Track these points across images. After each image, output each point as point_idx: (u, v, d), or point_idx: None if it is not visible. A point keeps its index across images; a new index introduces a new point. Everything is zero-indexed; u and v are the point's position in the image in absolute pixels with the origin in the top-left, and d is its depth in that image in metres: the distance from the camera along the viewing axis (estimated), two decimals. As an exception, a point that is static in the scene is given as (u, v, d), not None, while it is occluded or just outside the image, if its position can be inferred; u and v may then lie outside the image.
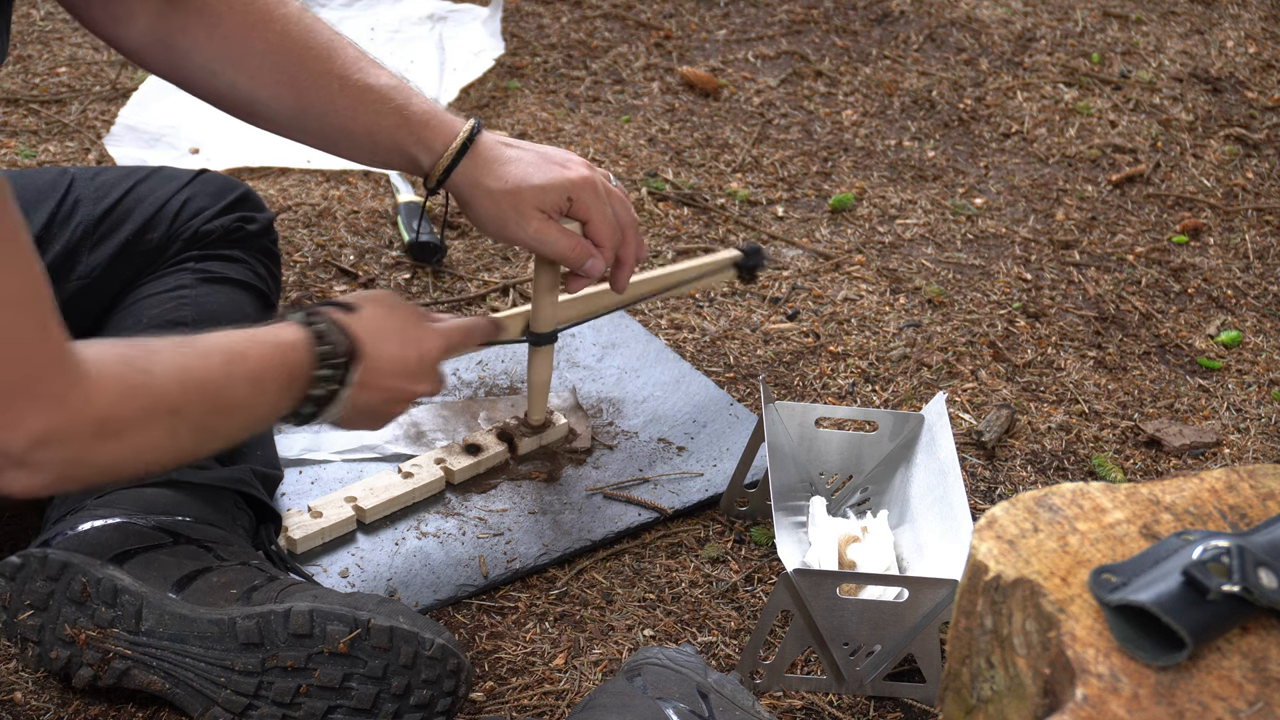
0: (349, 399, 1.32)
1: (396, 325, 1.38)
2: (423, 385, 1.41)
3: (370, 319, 1.34)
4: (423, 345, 1.40)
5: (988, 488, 1.80)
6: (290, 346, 1.26)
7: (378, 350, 1.33)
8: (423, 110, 1.48)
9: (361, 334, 1.32)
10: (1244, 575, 0.98)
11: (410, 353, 1.38)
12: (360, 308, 1.35)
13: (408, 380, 1.39)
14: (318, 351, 1.28)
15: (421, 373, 1.40)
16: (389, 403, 1.39)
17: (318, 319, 1.29)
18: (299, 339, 1.27)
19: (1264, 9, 3.09)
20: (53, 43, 2.59)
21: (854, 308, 2.09)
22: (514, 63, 2.66)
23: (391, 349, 1.36)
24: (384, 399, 1.38)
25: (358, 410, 1.35)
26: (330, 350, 1.28)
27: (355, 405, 1.33)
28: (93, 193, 1.62)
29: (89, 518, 1.40)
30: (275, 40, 1.45)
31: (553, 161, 1.51)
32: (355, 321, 1.32)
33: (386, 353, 1.35)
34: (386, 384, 1.36)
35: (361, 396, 1.33)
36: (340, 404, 1.31)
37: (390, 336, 1.36)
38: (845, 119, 2.59)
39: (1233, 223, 2.39)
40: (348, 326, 1.31)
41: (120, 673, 1.36)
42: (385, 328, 1.36)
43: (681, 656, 1.35)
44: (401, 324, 1.38)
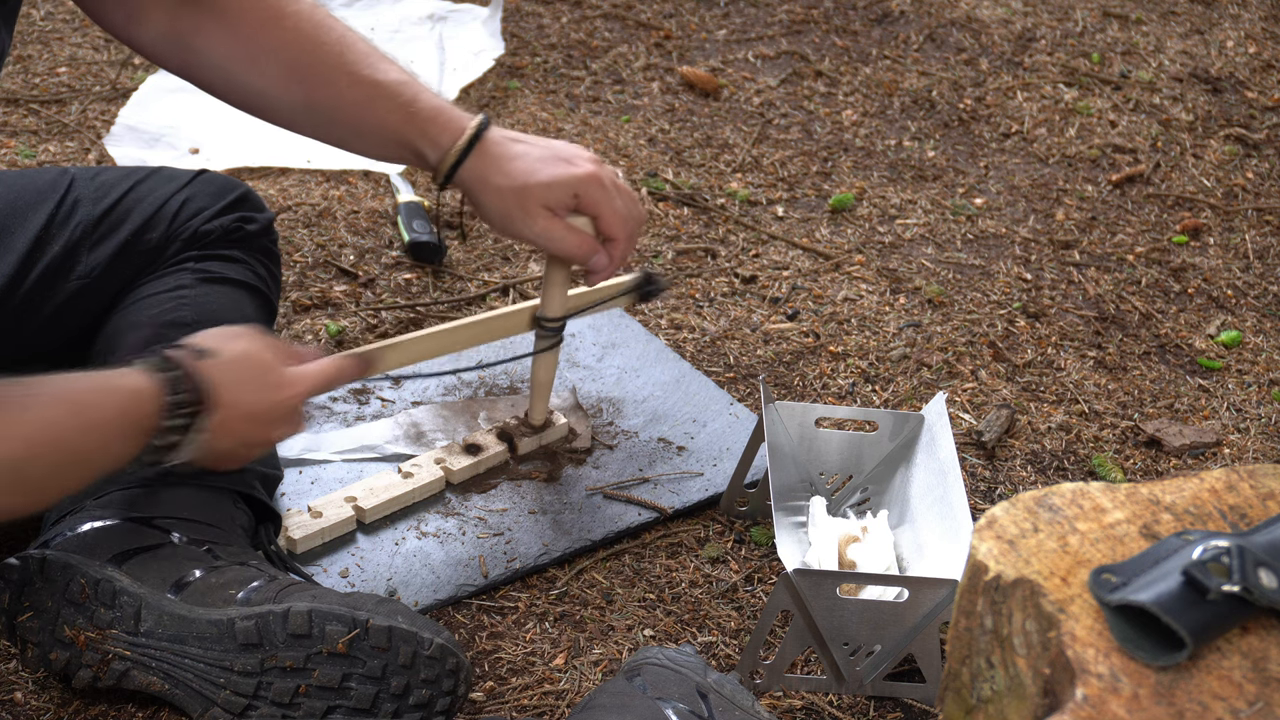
0: (200, 445, 1.28)
1: (254, 370, 1.33)
2: (280, 429, 1.36)
3: (227, 364, 1.30)
4: (282, 391, 1.34)
5: (988, 488, 1.80)
6: (141, 394, 1.23)
7: (232, 397, 1.29)
8: (430, 106, 1.48)
9: (217, 380, 1.28)
10: (1244, 575, 0.98)
11: (267, 398, 1.33)
12: (217, 351, 1.30)
13: (264, 426, 1.34)
14: (169, 401, 1.24)
15: (278, 417, 1.35)
16: (245, 445, 1.35)
17: (170, 365, 1.26)
18: (148, 387, 1.24)
19: (1264, 9, 3.09)
20: (53, 43, 2.59)
21: (854, 308, 2.09)
22: (514, 63, 2.66)
23: (247, 395, 1.31)
24: (240, 443, 1.33)
25: (213, 454, 1.31)
26: (182, 399, 1.25)
27: (207, 450, 1.30)
28: (92, 193, 1.62)
29: (88, 518, 1.40)
30: (287, 37, 1.46)
31: (559, 157, 1.50)
32: (211, 367, 1.28)
33: (242, 399, 1.30)
34: (242, 430, 1.32)
35: (214, 442, 1.29)
36: (189, 450, 1.28)
37: (247, 382, 1.31)
38: (845, 119, 2.59)
39: (1233, 223, 2.39)
40: (200, 373, 1.27)
41: (120, 674, 1.36)
42: (242, 373, 1.31)
43: (681, 656, 1.35)
44: (260, 369, 1.34)
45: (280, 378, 1.35)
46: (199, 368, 1.27)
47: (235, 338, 1.34)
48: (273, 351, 1.36)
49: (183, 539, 1.42)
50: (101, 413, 1.20)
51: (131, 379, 1.24)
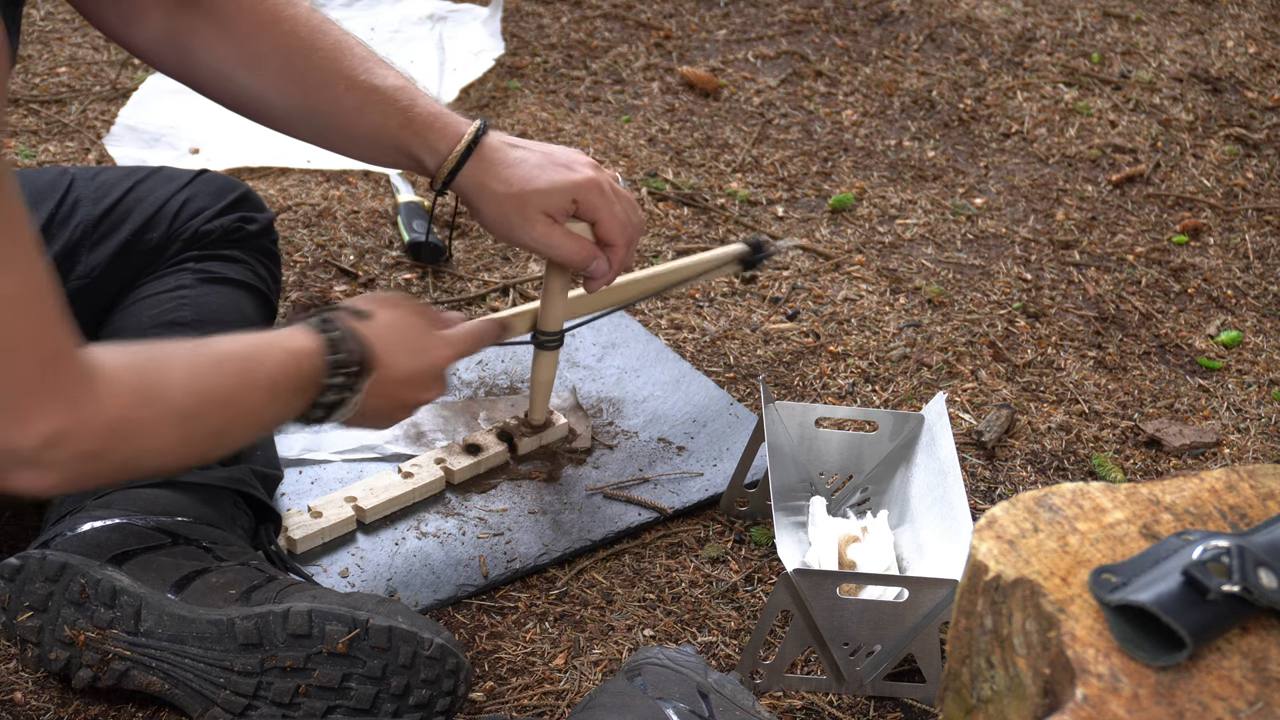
0: (358, 405, 1.32)
1: (408, 333, 1.38)
2: (430, 392, 1.42)
3: (383, 326, 1.34)
4: (433, 354, 1.40)
5: (988, 488, 1.80)
6: (303, 354, 1.26)
7: (389, 359, 1.33)
8: (428, 111, 1.48)
9: (374, 342, 1.32)
10: (1244, 575, 0.98)
11: (420, 362, 1.38)
12: (373, 314, 1.35)
13: (416, 388, 1.39)
14: (330, 360, 1.28)
15: (430, 380, 1.41)
16: (396, 408, 1.40)
17: (331, 326, 1.29)
18: (312, 346, 1.27)
19: (1264, 9, 3.09)
20: (53, 43, 2.59)
21: (854, 308, 2.09)
22: (514, 63, 2.66)
23: (402, 358, 1.36)
24: (392, 405, 1.39)
25: (365, 415, 1.35)
26: (343, 359, 1.28)
27: (364, 411, 1.34)
28: (92, 192, 1.62)
29: (88, 518, 1.40)
30: (284, 40, 1.46)
31: (558, 163, 1.50)
32: (368, 329, 1.32)
33: (397, 361, 1.35)
34: (395, 392, 1.37)
35: (370, 403, 1.33)
36: (349, 410, 1.31)
37: (402, 345, 1.36)
38: (845, 119, 2.59)
39: (1233, 223, 2.38)
40: (361, 334, 1.31)
41: (119, 673, 1.36)
42: (397, 336, 1.36)
43: (681, 656, 1.35)
44: (413, 332, 1.39)
45: (432, 341, 1.40)
46: (359, 328, 1.31)
47: (390, 302, 1.39)
48: (425, 316, 1.41)
49: (183, 539, 1.42)
50: (267, 370, 1.23)
51: (296, 338, 1.27)
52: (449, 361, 1.43)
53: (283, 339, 1.27)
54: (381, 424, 1.42)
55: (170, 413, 1.13)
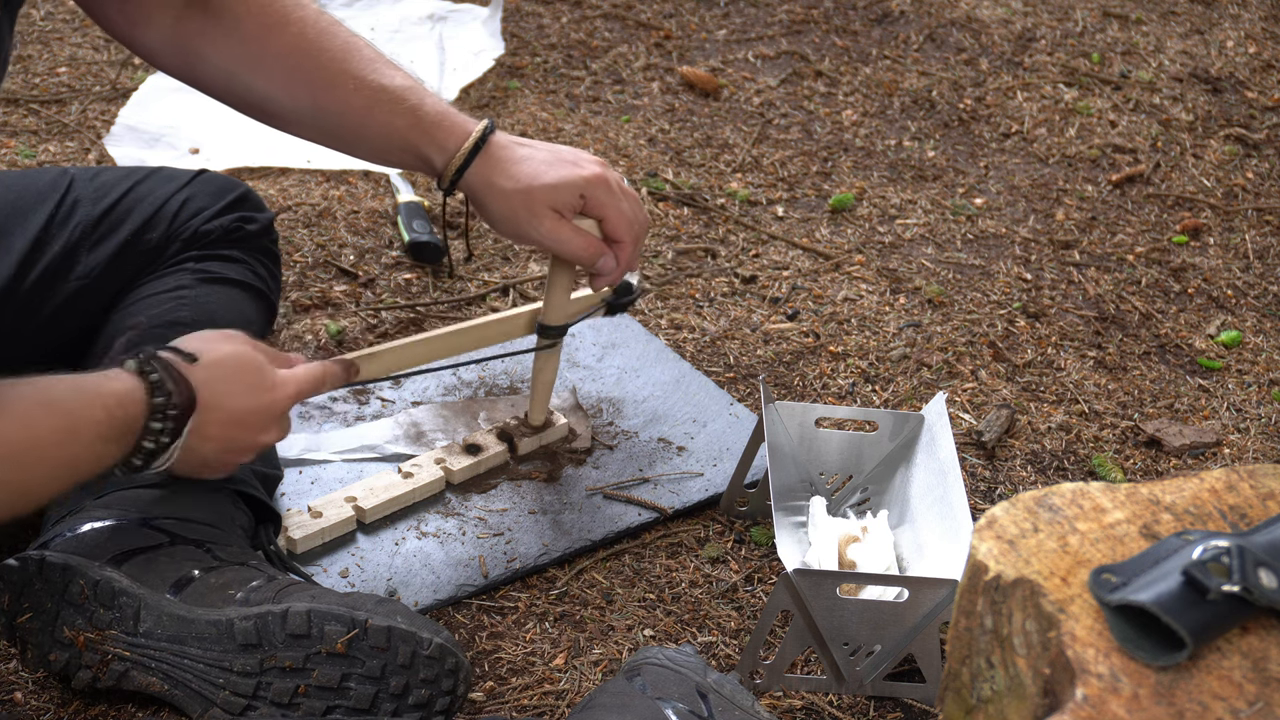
0: (184, 449, 1.27)
1: (242, 373, 1.32)
2: (267, 435, 1.35)
3: (213, 367, 1.29)
4: (267, 395, 1.33)
5: (988, 488, 1.79)
6: (120, 398, 1.21)
7: (217, 401, 1.28)
8: (436, 111, 1.49)
9: (200, 384, 1.27)
10: (1244, 575, 0.98)
11: (253, 402, 1.32)
12: (203, 353, 1.29)
13: (251, 430, 1.33)
14: (151, 403, 1.23)
15: (267, 421, 1.34)
16: (230, 451, 1.34)
17: (152, 367, 1.25)
18: (131, 390, 1.22)
19: (1264, 9, 3.09)
20: (53, 43, 2.59)
21: (854, 308, 2.09)
22: (514, 63, 2.66)
23: (233, 399, 1.30)
24: (224, 448, 1.33)
25: (195, 459, 1.30)
26: (164, 402, 1.24)
27: (191, 455, 1.29)
28: (92, 193, 1.62)
29: (87, 519, 1.40)
30: (292, 42, 1.46)
31: (565, 160, 1.50)
32: (195, 371, 1.27)
33: (227, 403, 1.29)
34: (227, 434, 1.31)
35: (199, 447, 1.28)
36: (171, 454, 1.27)
37: (232, 385, 1.30)
38: (845, 119, 2.59)
39: (1233, 223, 2.38)
40: (185, 376, 1.26)
41: (119, 674, 1.36)
42: (230, 377, 1.30)
43: (681, 656, 1.35)
44: (247, 371, 1.32)
45: (268, 380, 1.34)
46: (184, 370, 1.26)
47: (223, 340, 1.33)
48: (261, 354, 1.34)
49: (182, 539, 1.41)
50: (83, 414, 1.18)
51: (115, 381, 1.22)
52: (289, 402, 1.36)
53: (104, 381, 1.22)
54: (215, 470, 1.35)
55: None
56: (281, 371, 1.36)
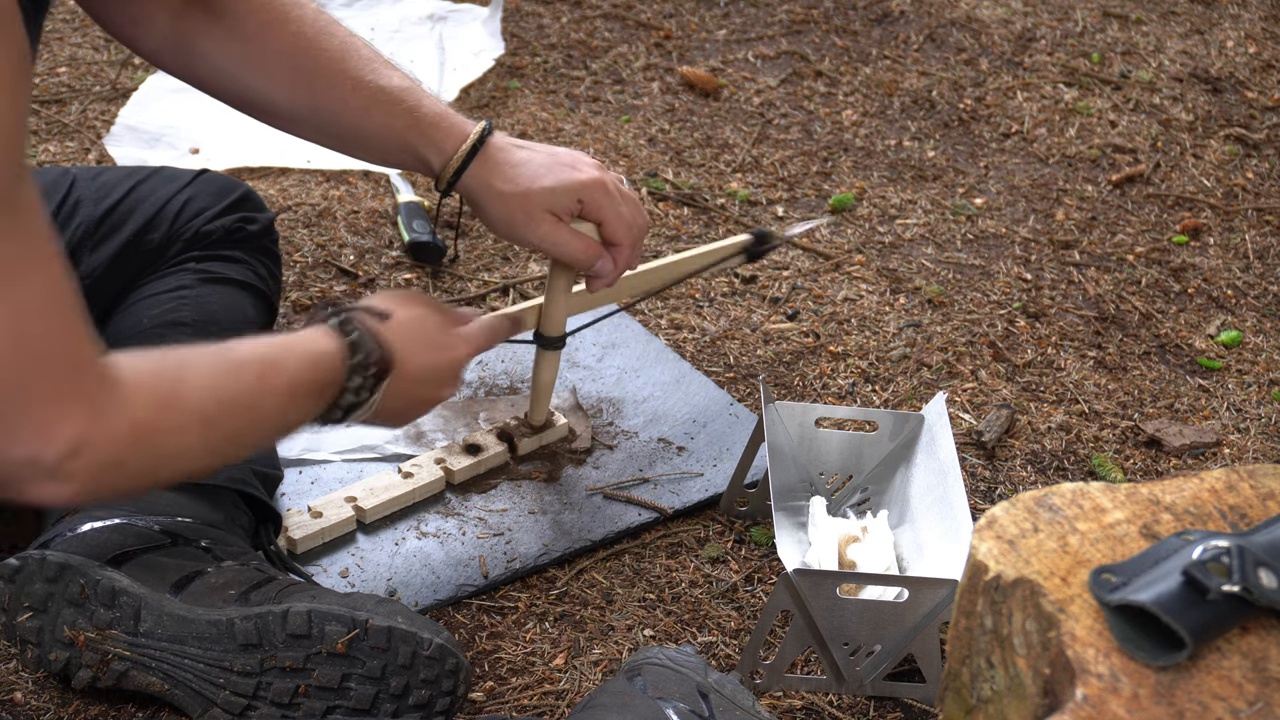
0: (376, 405, 1.32)
1: (427, 332, 1.38)
2: (446, 389, 1.42)
3: (403, 327, 1.34)
4: (450, 351, 1.40)
5: (988, 488, 1.79)
6: (323, 356, 1.25)
7: (408, 359, 1.33)
8: (434, 112, 1.49)
9: (394, 343, 1.31)
10: (1244, 575, 0.98)
11: (438, 359, 1.39)
12: (392, 314, 1.34)
13: (433, 386, 1.40)
14: (352, 362, 1.27)
15: (448, 379, 1.41)
16: (413, 406, 1.40)
17: (351, 327, 1.28)
18: (333, 349, 1.26)
19: (1264, 9, 3.09)
20: (53, 43, 2.59)
21: (854, 308, 2.09)
22: (514, 63, 2.66)
23: (421, 358, 1.36)
24: (409, 403, 1.38)
25: (382, 414, 1.35)
26: (363, 360, 1.28)
27: (382, 411, 1.33)
28: (93, 193, 1.62)
29: (88, 519, 1.40)
30: (290, 42, 1.46)
31: (563, 163, 1.50)
32: (388, 330, 1.32)
33: (416, 362, 1.35)
34: (413, 390, 1.37)
35: (389, 403, 1.33)
36: (367, 410, 1.31)
37: (421, 345, 1.36)
38: (845, 119, 2.59)
39: (1233, 223, 2.38)
40: (381, 336, 1.30)
41: (119, 674, 1.36)
42: (416, 336, 1.36)
43: (681, 656, 1.35)
44: (432, 331, 1.39)
45: (449, 338, 1.41)
46: (378, 329, 1.30)
47: (409, 300, 1.39)
48: (441, 313, 1.42)
49: (182, 539, 1.42)
50: (287, 373, 1.22)
51: (317, 341, 1.26)
52: (466, 358, 1.43)
53: (302, 342, 1.26)
54: (397, 422, 1.42)
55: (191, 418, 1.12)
56: (458, 329, 1.43)
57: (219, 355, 1.18)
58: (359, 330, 1.28)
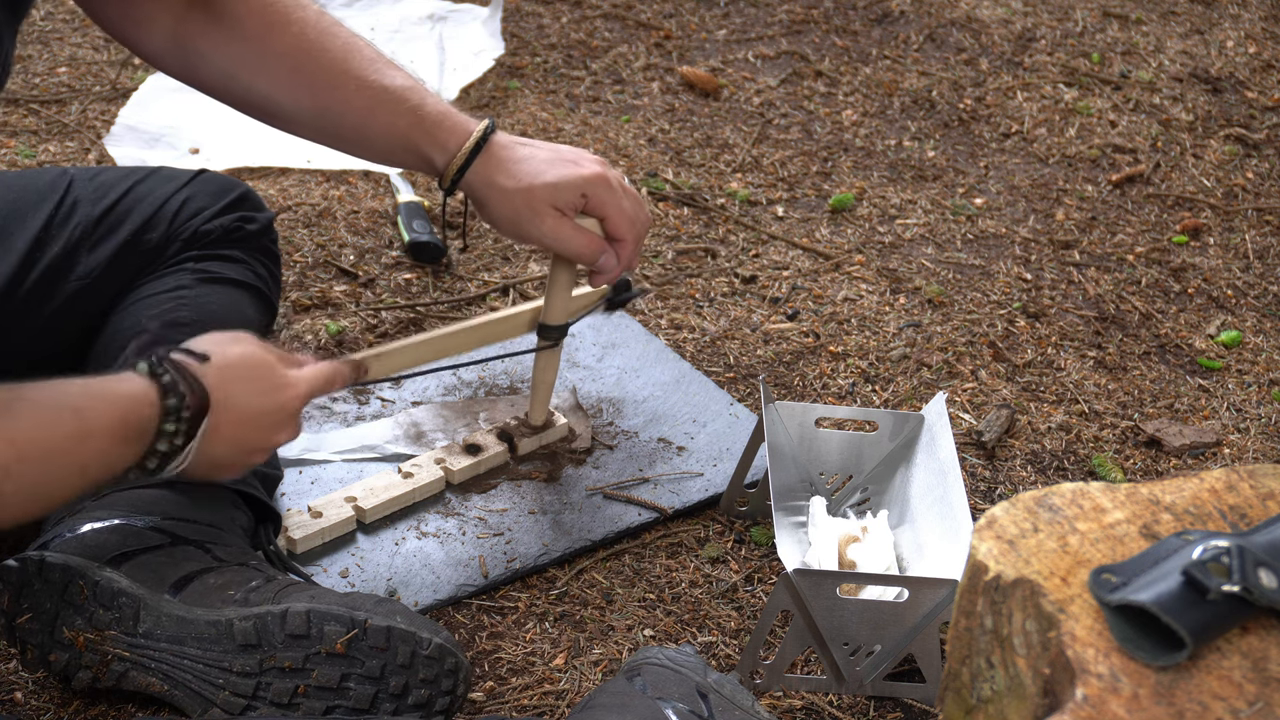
0: (199, 451, 1.26)
1: (253, 374, 1.31)
2: (279, 435, 1.34)
3: (225, 368, 1.28)
4: (279, 395, 1.32)
5: (988, 488, 1.79)
6: (133, 400, 1.20)
7: (230, 401, 1.27)
8: (437, 111, 1.49)
9: (213, 385, 1.26)
10: (1244, 575, 0.98)
11: (265, 403, 1.31)
12: (212, 355, 1.28)
13: (262, 431, 1.32)
14: (164, 406, 1.22)
15: (278, 423, 1.33)
16: (243, 452, 1.32)
17: (164, 370, 1.23)
18: (144, 392, 1.21)
19: (1264, 9, 3.09)
20: (53, 43, 2.59)
21: (854, 308, 2.09)
22: (514, 63, 2.66)
23: (245, 400, 1.29)
24: (238, 449, 1.31)
25: (208, 461, 1.28)
26: (176, 405, 1.23)
27: (205, 457, 1.27)
28: (92, 193, 1.62)
29: (87, 520, 1.40)
30: (292, 43, 1.46)
31: (565, 159, 1.51)
32: (207, 371, 1.26)
33: (240, 404, 1.28)
34: (240, 435, 1.29)
35: (213, 449, 1.27)
36: (186, 457, 1.25)
37: (244, 385, 1.29)
38: (845, 119, 2.59)
39: (1233, 223, 2.38)
40: (198, 377, 1.25)
41: (119, 674, 1.36)
42: (240, 377, 1.29)
43: (681, 656, 1.35)
44: (259, 371, 1.31)
45: (280, 380, 1.33)
46: (197, 371, 1.26)
47: (233, 341, 1.32)
48: (271, 354, 1.34)
49: (182, 539, 1.41)
50: (95, 417, 1.17)
51: (128, 384, 1.21)
52: (301, 402, 1.34)
53: (117, 384, 1.21)
54: (228, 472, 1.34)
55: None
56: (292, 371, 1.35)
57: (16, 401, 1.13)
58: (171, 373, 1.23)
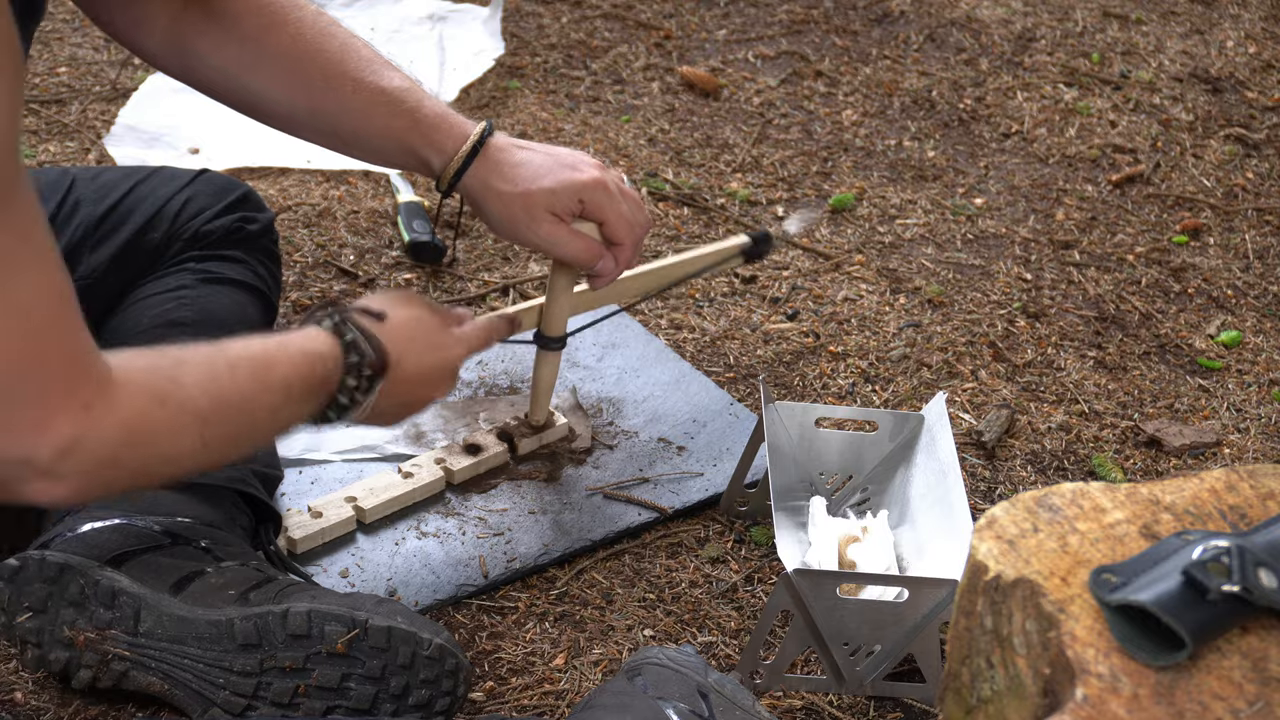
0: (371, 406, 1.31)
1: (422, 331, 1.37)
2: (442, 389, 1.41)
3: (398, 326, 1.34)
4: (446, 351, 1.40)
5: (988, 488, 1.79)
6: (319, 357, 1.25)
7: (404, 360, 1.33)
8: (434, 112, 1.49)
9: (389, 344, 1.31)
10: (1244, 575, 0.98)
11: (434, 359, 1.38)
12: (388, 314, 1.33)
13: (428, 386, 1.39)
14: (347, 363, 1.27)
15: (443, 379, 1.41)
16: (408, 405, 1.40)
17: (346, 328, 1.28)
18: (328, 349, 1.26)
19: (1264, 9, 3.09)
20: (53, 43, 2.59)
21: (854, 308, 2.09)
22: (514, 63, 2.66)
23: (417, 358, 1.35)
24: (404, 403, 1.38)
25: (377, 413, 1.35)
26: (359, 361, 1.27)
27: (376, 411, 1.33)
28: (93, 193, 1.62)
29: (88, 519, 1.40)
30: (289, 42, 1.46)
31: (563, 163, 1.50)
32: (384, 331, 1.31)
33: (412, 362, 1.34)
34: (409, 390, 1.36)
35: (383, 404, 1.33)
36: (363, 410, 1.31)
37: (416, 346, 1.36)
38: (845, 119, 2.59)
39: (1233, 223, 2.38)
40: (377, 337, 1.30)
41: (119, 674, 1.36)
42: (412, 334, 1.35)
43: (681, 656, 1.35)
44: (427, 329, 1.38)
45: (445, 338, 1.40)
46: (374, 330, 1.30)
47: (405, 301, 1.38)
48: (437, 313, 1.41)
49: (182, 539, 1.42)
50: (282, 373, 1.21)
51: (312, 341, 1.25)
52: (462, 358, 1.43)
53: (298, 341, 1.25)
54: (391, 421, 1.41)
55: (187, 417, 1.11)
56: (455, 330, 1.43)
57: (214, 354, 1.17)
58: (354, 331, 1.28)
